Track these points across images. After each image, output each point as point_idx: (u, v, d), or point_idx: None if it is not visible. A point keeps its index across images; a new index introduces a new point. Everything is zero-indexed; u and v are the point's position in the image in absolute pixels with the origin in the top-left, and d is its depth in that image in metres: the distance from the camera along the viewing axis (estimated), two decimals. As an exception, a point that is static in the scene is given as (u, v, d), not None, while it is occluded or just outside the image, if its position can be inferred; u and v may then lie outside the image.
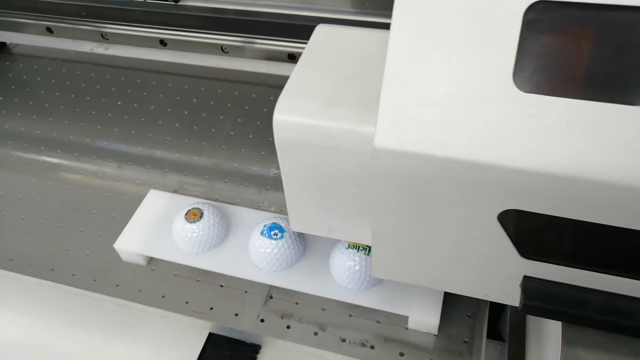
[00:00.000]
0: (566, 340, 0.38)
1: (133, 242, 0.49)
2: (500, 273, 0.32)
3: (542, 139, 0.25)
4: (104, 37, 0.59)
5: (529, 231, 0.30)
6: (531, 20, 0.26)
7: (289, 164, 0.34)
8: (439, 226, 0.31)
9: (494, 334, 0.51)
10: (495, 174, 0.26)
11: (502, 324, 0.58)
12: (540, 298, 0.31)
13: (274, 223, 0.46)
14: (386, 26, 0.27)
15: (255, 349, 0.47)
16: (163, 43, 0.57)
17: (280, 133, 0.32)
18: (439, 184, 0.28)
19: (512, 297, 0.33)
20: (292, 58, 0.54)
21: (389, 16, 0.27)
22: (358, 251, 0.44)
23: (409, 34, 0.27)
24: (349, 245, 0.44)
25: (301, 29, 0.53)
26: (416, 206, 0.30)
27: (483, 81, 0.26)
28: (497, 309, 0.55)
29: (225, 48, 0.56)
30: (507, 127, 0.26)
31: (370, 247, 0.44)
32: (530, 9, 0.25)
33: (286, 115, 0.32)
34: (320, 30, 0.37)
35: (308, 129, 0.31)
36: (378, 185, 0.29)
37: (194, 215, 0.48)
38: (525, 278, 0.32)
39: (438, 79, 0.27)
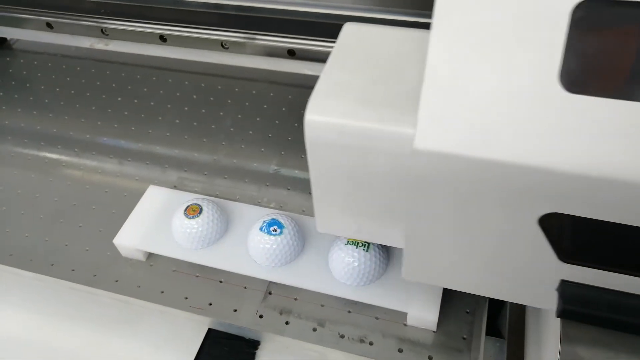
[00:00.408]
0: (565, 337, 0.38)
1: (132, 237, 0.49)
2: (536, 277, 0.32)
3: (588, 141, 0.25)
4: (104, 33, 0.59)
5: (570, 235, 0.29)
6: (579, 19, 0.25)
7: (320, 165, 0.33)
8: (476, 229, 0.30)
9: (493, 330, 0.51)
10: (539, 177, 0.26)
11: (502, 320, 0.58)
12: (580, 303, 0.31)
13: (273, 219, 0.46)
14: (394, 22, 0.27)
15: (255, 344, 0.47)
16: (163, 39, 0.57)
17: (312, 134, 0.31)
18: (480, 186, 0.27)
19: (546, 301, 0.33)
20: (292, 54, 0.54)
21: (396, 12, 0.27)
22: (357, 247, 0.44)
23: (451, 33, 0.27)
24: (348, 242, 0.44)
25: (302, 25, 0.53)
26: (455, 209, 0.29)
27: (528, 81, 0.26)
28: (496, 306, 0.55)
29: (225, 44, 0.55)
30: (553, 129, 0.25)
31: (369, 244, 0.44)
32: (578, 7, 0.25)
33: (319, 116, 0.31)
34: (348, 28, 0.36)
35: (342, 130, 0.30)
36: (416, 188, 0.29)
37: (193, 211, 0.48)
38: (563, 282, 0.31)
39: (481, 79, 0.26)
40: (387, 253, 0.45)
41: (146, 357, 0.47)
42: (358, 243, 0.44)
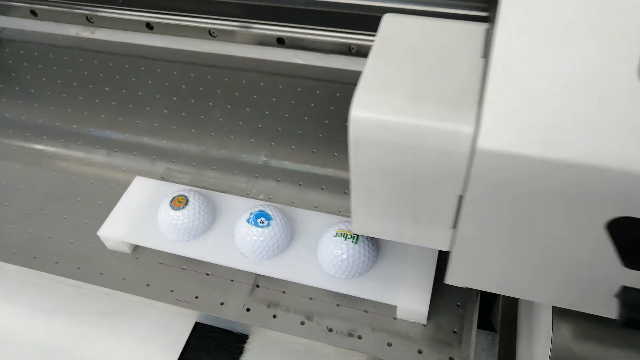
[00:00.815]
0: (557, 331, 0.38)
1: (117, 229, 0.48)
2: (595, 282, 0.30)
3: None
4: (89, 20, 0.57)
5: (638, 239, 0.28)
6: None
7: (363, 164, 0.31)
8: (536, 232, 0.29)
9: (485, 324, 0.50)
10: (613, 179, 0.24)
11: (494, 314, 0.57)
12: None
13: (260, 211, 0.45)
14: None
15: (243, 338, 0.46)
16: (149, 27, 0.56)
17: (357, 131, 0.29)
18: (548, 189, 0.26)
19: (602, 308, 0.31)
20: (282, 42, 0.53)
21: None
22: (346, 239, 0.43)
23: (520, 25, 0.25)
24: (337, 234, 0.43)
25: (291, 13, 0.52)
26: (515, 211, 0.28)
27: (603, 77, 0.24)
28: (488, 299, 0.54)
29: (213, 32, 0.54)
30: (630, 128, 0.24)
31: (357, 236, 0.43)
32: None
33: (366, 112, 0.29)
34: (388, 20, 0.35)
35: (391, 127, 0.29)
36: (474, 189, 0.27)
37: (179, 203, 0.47)
38: (626, 289, 0.30)
39: (551, 74, 0.25)
40: (376, 245, 0.44)
41: (132, 351, 0.46)
42: (347, 235, 0.43)
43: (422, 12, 0.46)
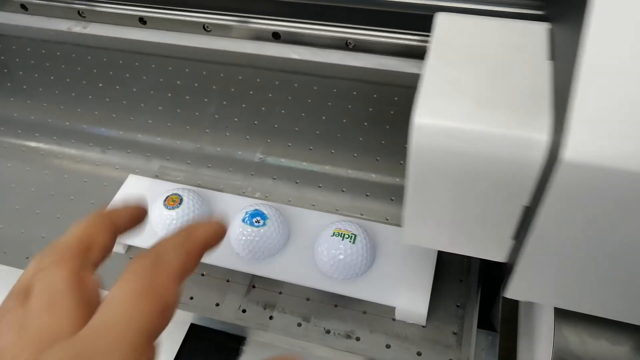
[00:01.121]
0: (558, 331, 0.37)
1: (110, 229, 0.47)
2: None
3: None
4: (81, 15, 0.56)
5: None
6: None
7: (424, 173, 0.30)
8: (616, 247, 0.27)
9: (485, 323, 0.50)
10: None
11: (494, 313, 0.57)
12: None
13: (256, 210, 0.45)
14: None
15: (239, 340, 0.45)
16: (142, 21, 0.54)
17: (420, 139, 0.28)
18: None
19: None
20: (277, 37, 0.52)
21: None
22: (343, 239, 0.42)
23: (614, 26, 0.24)
24: (334, 233, 0.42)
25: (287, 7, 0.51)
26: (597, 226, 0.26)
27: None
28: (488, 298, 0.53)
29: (207, 27, 0.53)
30: None
31: (355, 235, 0.42)
32: None
33: (430, 119, 0.27)
34: (442, 20, 0.33)
35: (457, 135, 0.27)
36: (553, 201, 0.26)
37: (173, 202, 0.46)
38: None
39: None
40: (374, 246, 0.43)
41: (125, 353, 0.45)
42: (344, 235, 0.42)
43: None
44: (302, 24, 0.50)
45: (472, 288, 0.44)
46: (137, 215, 0.30)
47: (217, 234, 0.27)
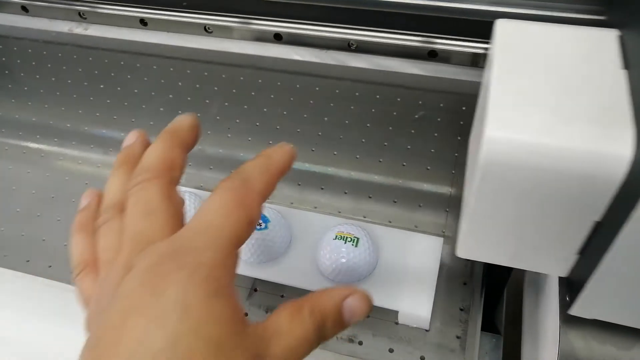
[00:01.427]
0: (564, 335, 0.37)
1: (111, 232, 0.47)
2: None
3: None
4: (82, 16, 0.56)
5: None
6: None
7: (491, 188, 0.29)
8: None
9: (489, 326, 0.49)
10: None
11: (498, 315, 0.56)
12: None
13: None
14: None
15: (240, 343, 0.45)
16: (143, 23, 0.54)
17: (492, 153, 0.27)
18: None
19: None
20: (279, 38, 0.51)
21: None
22: (345, 242, 0.41)
23: None
24: (336, 236, 0.42)
25: (287, 8, 0.50)
26: None
27: None
28: (492, 300, 0.53)
29: (208, 28, 0.53)
30: None
31: (358, 239, 0.42)
32: None
33: (503, 133, 0.26)
34: (503, 26, 0.32)
35: (532, 149, 0.26)
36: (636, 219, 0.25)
37: (174, 205, 0.45)
38: None
39: None
40: (377, 249, 0.43)
41: (127, 356, 0.45)
42: (346, 238, 0.42)
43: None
44: (304, 25, 0.50)
45: (476, 291, 0.44)
46: (197, 130, 0.32)
47: (291, 159, 0.31)
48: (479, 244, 0.34)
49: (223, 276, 0.24)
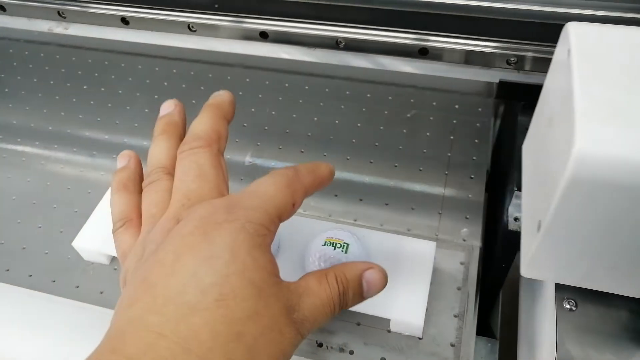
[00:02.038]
0: (562, 344, 0.36)
1: (93, 239, 0.46)
2: None
3: None
4: (61, 15, 0.54)
5: None
6: None
7: (575, 207, 0.27)
8: None
9: (484, 329, 0.48)
10: None
11: (493, 318, 0.55)
12: None
13: (244, 218, 0.43)
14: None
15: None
16: (125, 21, 0.52)
17: (581, 170, 0.25)
18: None
19: None
20: (265, 36, 0.50)
21: None
22: (335, 249, 0.40)
23: None
24: (325, 242, 0.40)
25: (275, 5, 0.49)
26: None
27: None
28: (487, 304, 0.52)
29: (192, 26, 0.51)
30: None
31: (347, 245, 0.40)
32: None
33: (598, 148, 0.24)
34: (579, 30, 0.30)
35: (631, 167, 0.24)
36: None
37: (157, 211, 0.44)
38: None
39: None
40: (367, 255, 0.42)
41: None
42: (336, 244, 0.40)
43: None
44: (291, 23, 0.48)
45: (471, 297, 0.42)
46: (234, 105, 0.36)
47: (331, 177, 0.34)
48: (550, 263, 0.32)
49: (266, 235, 0.27)
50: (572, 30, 0.30)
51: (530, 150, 0.39)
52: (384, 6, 0.45)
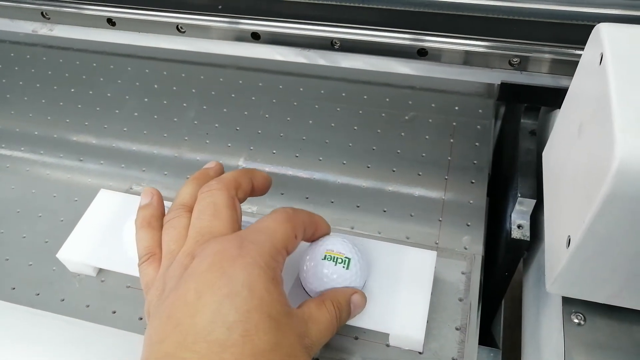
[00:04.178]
0: (569, 351, 0.34)
1: (79, 250, 0.44)
2: None
3: None
4: (45, 16, 0.52)
5: None
6: None
7: (609, 222, 0.26)
8: None
9: (486, 339, 0.46)
10: None
11: (496, 327, 0.53)
12: None
13: (236, 228, 0.41)
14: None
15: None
16: (111, 22, 0.51)
17: (620, 184, 0.24)
18: None
19: None
20: (257, 38, 0.48)
21: None
22: (336, 265, 0.37)
23: None
24: (325, 257, 0.38)
25: (267, 5, 0.47)
26: None
27: None
28: (489, 314, 0.50)
29: (181, 27, 0.49)
30: None
31: (349, 260, 0.38)
32: None
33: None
34: (612, 32, 0.28)
35: None
36: None
37: (145, 221, 0.42)
38: None
39: None
40: (367, 269, 0.40)
41: (98, 384, 0.42)
42: (337, 259, 0.38)
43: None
44: (283, 23, 0.47)
45: (473, 308, 0.41)
46: (267, 184, 0.39)
47: (327, 231, 0.38)
48: (579, 280, 0.31)
49: (276, 267, 0.30)
50: (605, 32, 0.28)
51: (553, 158, 0.37)
52: (381, 5, 0.43)
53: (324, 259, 0.38)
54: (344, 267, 0.37)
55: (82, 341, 0.43)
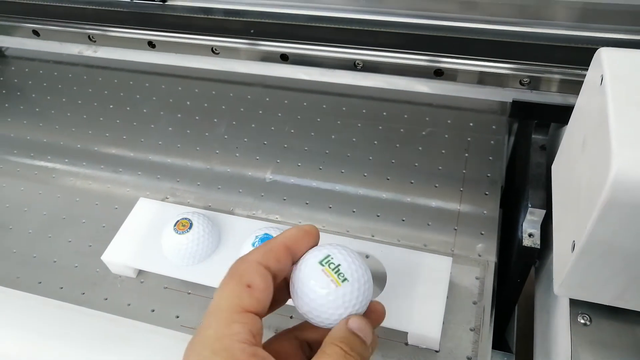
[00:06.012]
0: (576, 352, 0.36)
1: (121, 253, 0.48)
2: None
3: None
4: (91, 39, 0.57)
5: None
6: None
7: (609, 228, 0.28)
8: None
9: (500, 343, 0.49)
10: None
11: (509, 332, 0.56)
12: None
13: (265, 234, 0.44)
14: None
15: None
16: (151, 45, 0.55)
17: (618, 193, 0.26)
18: None
19: None
20: (285, 59, 0.52)
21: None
22: (334, 284, 0.30)
23: None
24: (323, 265, 0.34)
25: (295, 29, 0.51)
26: None
27: None
28: (503, 318, 0.52)
29: (215, 49, 0.53)
30: None
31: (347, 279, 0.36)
32: None
33: (636, 170, 0.26)
34: (612, 56, 0.31)
35: None
36: None
37: (182, 226, 0.46)
38: None
39: None
40: (384, 274, 0.43)
41: (137, 378, 0.45)
42: (337, 273, 0.30)
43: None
44: (310, 46, 0.50)
45: (486, 311, 0.43)
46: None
47: (308, 244, 0.31)
48: (584, 283, 0.33)
49: (230, 342, 0.26)
50: (605, 56, 0.31)
51: (561, 170, 0.40)
52: (400, 30, 0.47)
53: (323, 271, 0.30)
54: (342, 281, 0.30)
55: (123, 337, 0.47)
